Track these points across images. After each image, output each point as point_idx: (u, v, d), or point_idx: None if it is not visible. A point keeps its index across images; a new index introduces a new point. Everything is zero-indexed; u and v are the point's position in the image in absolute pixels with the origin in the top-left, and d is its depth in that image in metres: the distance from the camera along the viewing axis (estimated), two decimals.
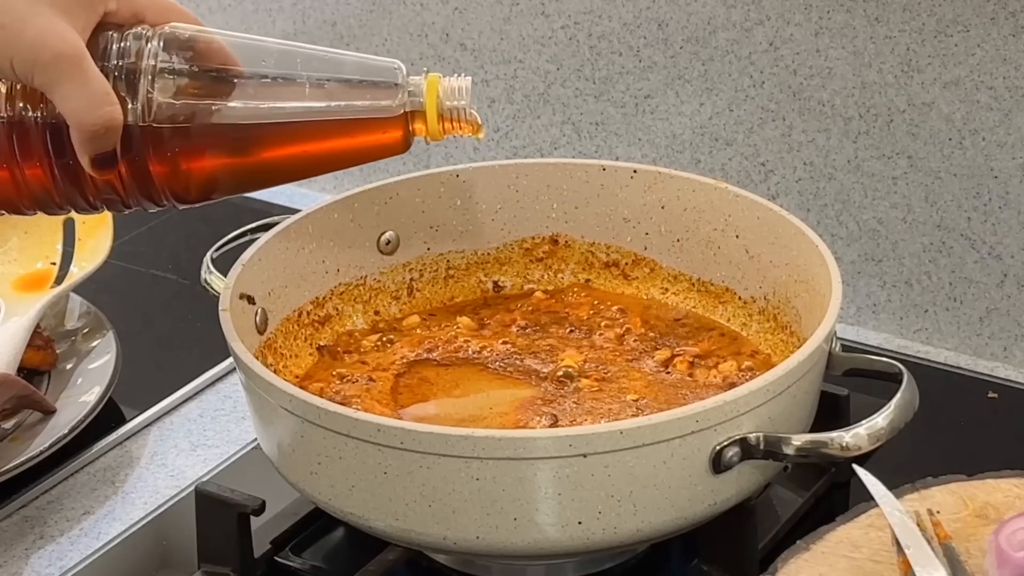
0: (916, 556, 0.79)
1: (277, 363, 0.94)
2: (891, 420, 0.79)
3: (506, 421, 0.88)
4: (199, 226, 1.34)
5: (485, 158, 1.29)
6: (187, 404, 1.09)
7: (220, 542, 0.88)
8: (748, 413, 0.78)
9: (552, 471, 0.76)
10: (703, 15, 1.14)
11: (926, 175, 1.10)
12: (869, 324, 1.16)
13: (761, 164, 1.16)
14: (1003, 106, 1.05)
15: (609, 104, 1.21)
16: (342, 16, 1.32)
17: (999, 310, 1.10)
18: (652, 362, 0.94)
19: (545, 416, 0.87)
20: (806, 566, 0.81)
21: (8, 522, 0.97)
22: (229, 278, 0.91)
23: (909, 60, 1.07)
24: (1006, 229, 1.08)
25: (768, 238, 0.95)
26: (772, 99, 1.14)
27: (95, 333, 1.11)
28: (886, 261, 1.14)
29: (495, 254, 1.04)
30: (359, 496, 0.80)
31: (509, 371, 0.93)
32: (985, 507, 0.85)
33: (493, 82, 1.26)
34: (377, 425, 0.77)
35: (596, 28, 1.20)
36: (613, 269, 1.03)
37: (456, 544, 0.79)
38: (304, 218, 0.97)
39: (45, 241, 1.15)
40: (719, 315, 0.99)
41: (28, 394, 1.02)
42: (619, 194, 1.01)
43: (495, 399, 0.90)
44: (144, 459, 1.03)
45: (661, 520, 0.79)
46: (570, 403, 0.89)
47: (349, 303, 1.00)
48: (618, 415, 0.88)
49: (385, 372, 0.93)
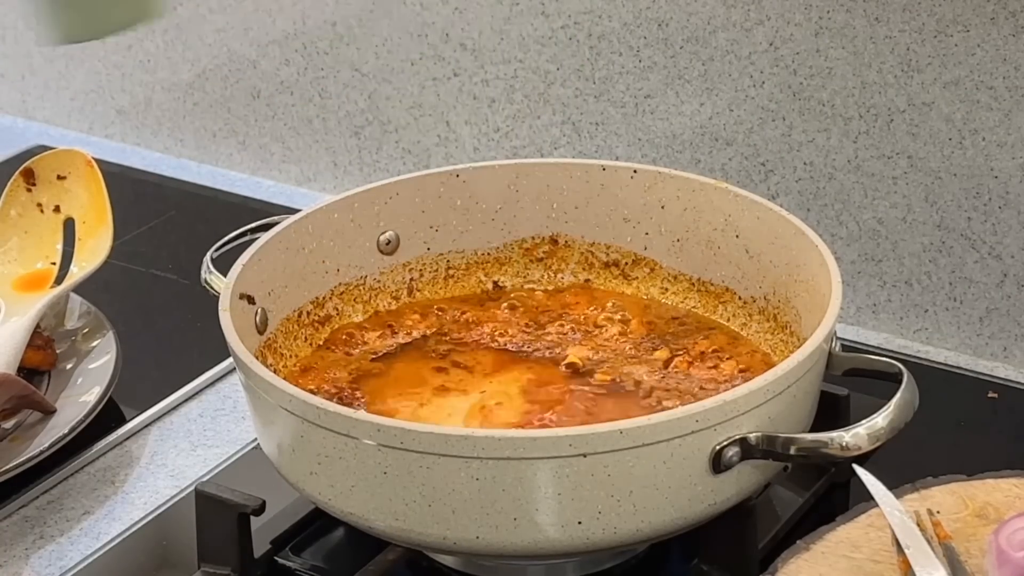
0: (916, 556, 0.79)
1: (277, 363, 0.94)
2: (891, 420, 0.79)
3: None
4: (199, 226, 1.34)
5: (485, 158, 1.29)
6: (187, 404, 1.09)
7: (220, 542, 0.88)
8: (748, 413, 0.78)
9: (552, 471, 0.76)
10: (703, 15, 1.14)
11: (926, 175, 1.10)
12: (869, 324, 1.16)
13: (761, 164, 1.16)
14: (1003, 106, 1.05)
15: (609, 104, 1.21)
16: (342, 16, 1.32)
17: (999, 310, 1.10)
18: (652, 362, 0.94)
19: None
20: (806, 566, 0.81)
21: (8, 522, 0.97)
22: (229, 278, 0.91)
23: (909, 60, 1.07)
24: (1006, 229, 1.08)
25: (768, 238, 0.95)
26: (772, 99, 1.14)
27: (95, 333, 1.11)
28: (886, 261, 1.14)
29: (495, 254, 1.04)
30: (359, 496, 0.80)
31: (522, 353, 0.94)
32: (985, 507, 0.85)
33: (493, 82, 1.26)
34: (377, 425, 0.77)
35: (596, 28, 1.20)
36: (613, 269, 1.03)
37: (456, 544, 0.79)
38: (304, 218, 0.97)
39: (45, 241, 1.14)
40: (719, 315, 0.99)
41: (28, 394, 1.02)
42: (619, 194, 1.01)
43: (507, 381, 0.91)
44: (144, 459, 1.03)
45: (661, 520, 0.79)
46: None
47: (349, 303, 1.00)
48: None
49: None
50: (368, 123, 1.35)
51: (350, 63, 1.34)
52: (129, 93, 1.50)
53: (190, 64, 1.44)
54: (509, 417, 0.88)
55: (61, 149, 1.16)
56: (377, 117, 1.34)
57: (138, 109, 1.50)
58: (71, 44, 1.25)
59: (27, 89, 1.58)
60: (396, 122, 1.33)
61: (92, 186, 1.13)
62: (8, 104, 1.60)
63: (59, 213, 1.14)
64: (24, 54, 1.56)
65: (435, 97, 1.30)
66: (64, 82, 1.54)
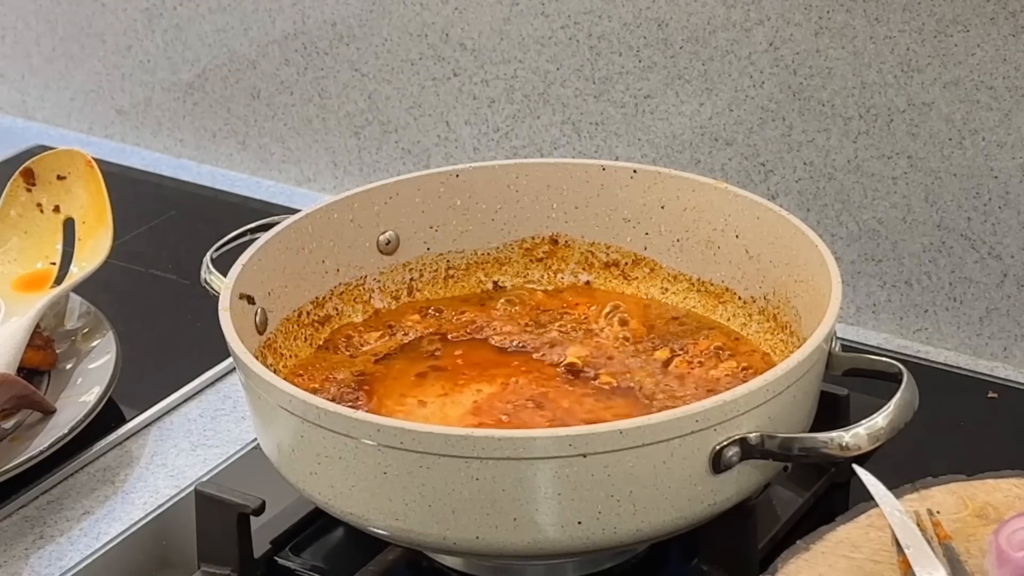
0: (916, 556, 0.79)
1: (277, 363, 0.94)
2: (891, 420, 0.79)
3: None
4: (199, 226, 1.34)
5: (485, 158, 1.29)
6: (187, 404, 1.09)
7: (220, 542, 0.88)
8: (748, 413, 0.78)
9: (552, 471, 0.76)
10: (703, 15, 1.14)
11: (926, 175, 1.10)
12: (869, 324, 1.16)
13: (761, 164, 1.16)
14: (1003, 106, 1.05)
15: (609, 104, 1.21)
16: (342, 16, 1.32)
17: (999, 310, 1.10)
18: (652, 362, 0.94)
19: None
20: (806, 566, 0.81)
21: (8, 522, 0.97)
22: (229, 278, 0.90)
23: (909, 60, 1.07)
24: (1006, 229, 1.08)
25: (768, 238, 0.95)
26: (772, 99, 1.14)
27: (95, 333, 1.11)
28: (886, 261, 1.14)
29: (495, 254, 1.04)
30: (359, 496, 0.80)
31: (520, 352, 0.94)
32: (985, 507, 0.85)
33: (493, 82, 1.26)
34: (377, 425, 0.77)
35: (596, 28, 1.20)
36: (613, 269, 1.03)
37: (456, 544, 0.79)
38: (304, 218, 0.97)
39: (45, 241, 1.14)
40: (719, 315, 0.99)
41: (28, 394, 1.02)
42: (619, 194, 1.01)
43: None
44: (144, 459, 1.03)
45: (661, 520, 0.79)
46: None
47: (349, 303, 1.00)
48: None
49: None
50: (368, 123, 1.35)
51: (350, 63, 1.34)
52: (129, 93, 1.50)
53: (190, 64, 1.44)
54: (509, 417, 0.88)
55: (61, 149, 1.16)
56: (377, 117, 1.34)
57: (138, 109, 1.50)
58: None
59: (27, 89, 1.58)
60: (396, 122, 1.33)
61: (92, 186, 1.13)
62: (8, 104, 1.60)
63: (59, 213, 1.14)
64: (24, 54, 1.56)
65: (435, 97, 1.30)
66: (64, 82, 1.54)
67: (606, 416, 0.88)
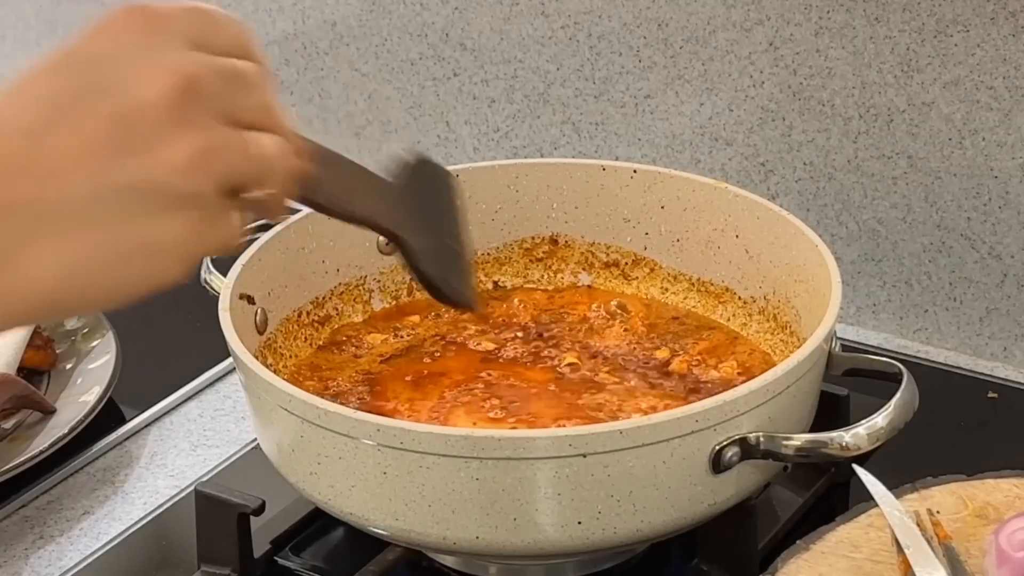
0: (916, 556, 0.79)
1: (277, 363, 0.94)
2: (891, 420, 0.79)
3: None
4: None
5: (485, 158, 1.29)
6: (187, 404, 1.09)
7: (220, 542, 0.88)
8: (748, 413, 0.78)
9: (552, 471, 0.76)
10: (703, 15, 1.14)
11: (926, 175, 1.10)
12: (869, 324, 1.16)
13: (761, 164, 1.16)
14: (1003, 106, 1.05)
15: (609, 104, 1.21)
16: (342, 16, 1.32)
17: (999, 310, 1.10)
18: (652, 362, 0.94)
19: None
20: (806, 566, 0.81)
21: (8, 522, 0.97)
22: (229, 278, 0.90)
23: (909, 60, 1.07)
24: (1006, 229, 1.08)
25: (768, 238, 0.95)
26: (772, 99, 1.14)
27: (95, 333, 1.11)
28: (886, 261, 1.14)
29: (495, 254, 1.04)
30: (359, 496, 0.80)
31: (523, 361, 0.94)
32: (985, 507, 0.85)
33: (493, 82, 1.26)
34: (377, 425, 0.77)
35: (596, 28, 1.20)
36: (613, 269, 1.03)
37: (456, 544, 0.79)
38: (304, 218, 0.97)
39: None
40: (719, 315, 0.99)
41: (28, 394, 1.02)
42: (619, 194, 1.01)
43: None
44: (144, 459, 1.03)
45: (661, 520, 0.79)
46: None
47: (349, 303, 1.00)
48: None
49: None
50: (368, 123, 1.35)
51: (350, 63, 1.34)
52: None
53: None
54: (509, 417, 0.88)
55: None
56: (377, 117, 1.34)
57: None
58: None
59: None
60: (396, 122, 1.33)
61: None
62: None
63: None
64: (24, 54, 1.56)
65: (435, 97, 1.30)
66: None
67: (605, 416, 0.88)
